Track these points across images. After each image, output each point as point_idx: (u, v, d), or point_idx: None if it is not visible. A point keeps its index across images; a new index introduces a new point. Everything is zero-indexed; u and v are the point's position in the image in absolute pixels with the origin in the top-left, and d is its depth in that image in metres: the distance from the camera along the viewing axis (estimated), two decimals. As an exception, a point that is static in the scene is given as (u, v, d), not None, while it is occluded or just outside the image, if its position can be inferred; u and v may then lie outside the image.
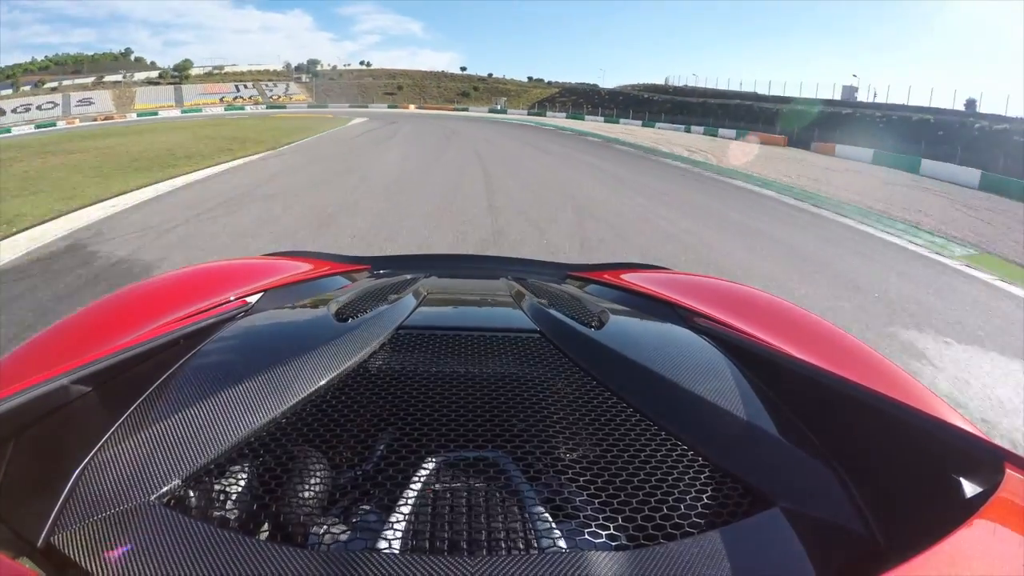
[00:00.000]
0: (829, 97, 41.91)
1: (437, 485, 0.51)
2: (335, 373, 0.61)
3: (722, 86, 54.02)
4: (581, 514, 0.48)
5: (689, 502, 0.49)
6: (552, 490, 0.51)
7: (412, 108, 66.49)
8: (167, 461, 0.48)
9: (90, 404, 0.52)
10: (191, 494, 0.48)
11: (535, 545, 0.44)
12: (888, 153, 22.71)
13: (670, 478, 0.50)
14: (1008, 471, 0.43)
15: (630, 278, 1.26)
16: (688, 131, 37.29)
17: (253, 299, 0.91)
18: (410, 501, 0.48)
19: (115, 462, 0.47)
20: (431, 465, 0.52)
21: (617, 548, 0.44)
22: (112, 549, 0.40)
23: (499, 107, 66.39)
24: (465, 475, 0.52)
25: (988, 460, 0.44)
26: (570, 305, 0.88)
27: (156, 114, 59.53)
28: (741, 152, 20.17)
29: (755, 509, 0.46)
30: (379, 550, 0.42)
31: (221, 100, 71.63)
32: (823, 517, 0.45)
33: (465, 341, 0.75)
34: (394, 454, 0.54)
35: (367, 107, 66.49)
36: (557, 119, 48.47)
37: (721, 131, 35.45)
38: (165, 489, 0.45)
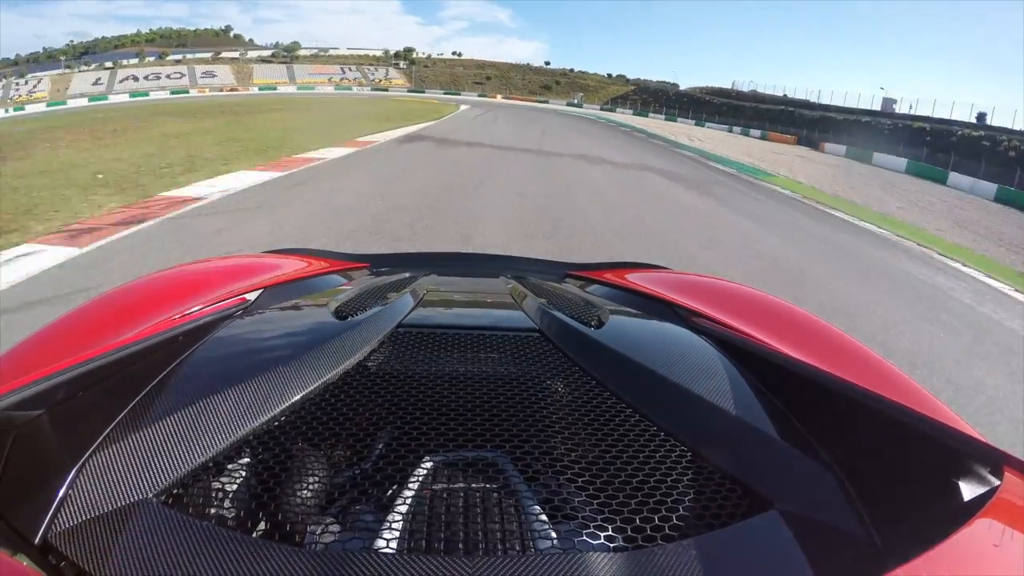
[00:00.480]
0: (870, 108, 48.09)
1: (435, 485, 0.51)
2: (334, 371, 0.62)
3: (779, 93, 60.18)
4: (579, 515, 0.49)
5: (687, 503, 0.49)
6: (550, 490, 0.51)
7: (499, 98, 75.12)
8: (166, 459, 0.47)
9: (89, 401, 0.52)
10: (190, 492, 0.48)
11: (533, 546, 0.44)
12: (856, 150, 30.53)
13: (669, 479, 0.50)
14: (1007, 474, 0.44)
15: (630, 278, 1.29)
16: (730, 130, 44.73)
17: (252, 296, 0.91)
18: (408, 501, 0.48)
19: (114, 459, 0.47)
20: (430, 465, 0.53)
21: (615, 549, 0.44)
22: (110, 546, 0.40)
23: (576, 101, 74.41)
24: (463, 475, 0.52)
25: (987, 463, 0.44)
26: (569, 304, 0.90)
27: (275, 89, 69.15)
28: (730, 142, 27.76)
29: (753, 511, 0.46)
30: (377, 550, 0.42)
31: (329, 80, 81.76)
32: (821, 519, 0.45)
33: (464, 340, 0.76)
34: (393, 453, 0.54)
35: (459, 94, 75.76)
36: (622, 115, 55.82)
37: (751, 131, 43.17)
38: (164, 487, 0.45)
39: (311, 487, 0.50)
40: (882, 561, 0.40)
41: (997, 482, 0.43)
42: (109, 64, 77.44)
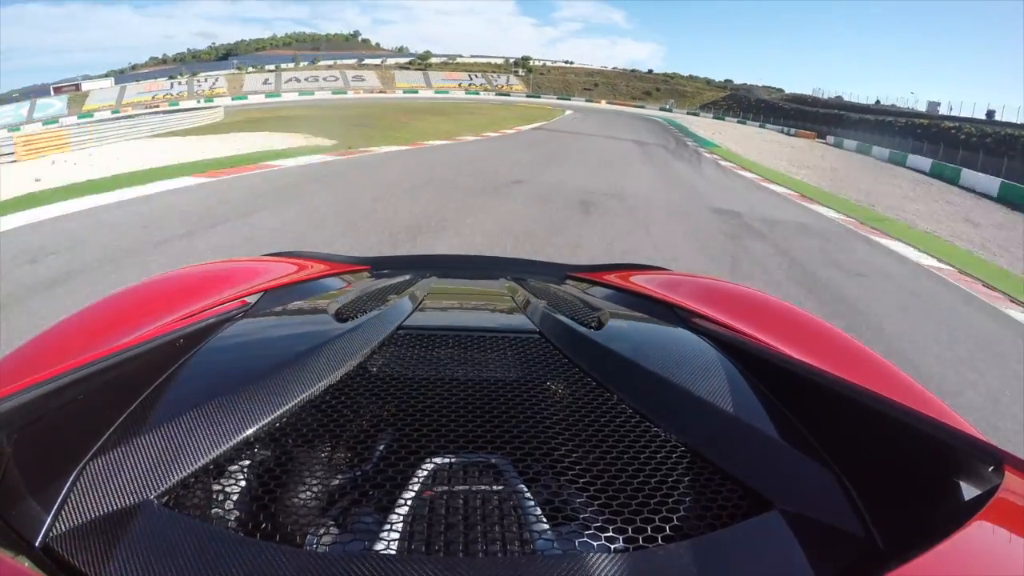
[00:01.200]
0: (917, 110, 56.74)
1: (436, 487, 0.51)
2: (334, 374, 0.63)
3: (849, 98, 69.79)
4: (580, 516, 0.49)
5: (688, 504, 0.49)
6: (551, 492, 0.52)
7: (603, 103, 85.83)
8: (167, 461, 0.48)
9: (90, 404, 0.52)
10: (191, 494, 0.49)
11: (533, 548, 0.44)
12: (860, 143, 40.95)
13: (669, 480, 0.51)
14: (1008, 473, 0.44)
15: (630, 279, 1.32)
16: (783, 131, 54.65)
17: (252, 299, 0.92)
18: (409, 503, 0.48)
19: (115, 462, 0.48)
20: (430, 467, 0.53)
21: (616, 550, 0.45)
22: (112, 548, 0.40)
23: (667, 106, 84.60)
24: (464, 477, 0.53)
25: (988, 462, 0.45)
26: (570, 306, 0.91)
27: (416, 92, 78.67)
28: (747, 137, 39.23)
29: (754, 511, 0.46)
30: (377, 552, 0.42)
31: (459, 86, 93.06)
32: (822, 519, 0.45)
33: (464, 342, 0.77)
34: (393, 455, 0.54)
35: (569, 99, 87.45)
36: (697, 118, 64.63)
37: (792, 130, 53.80)
38: (165, 489, 0.45)
39: (312, 489, 0.51)
40: (883, 561, 0.40)
41: (997, 481, 0.43)
42: (271, 67, 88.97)
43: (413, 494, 0.49)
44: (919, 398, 0.75)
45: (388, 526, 0.45)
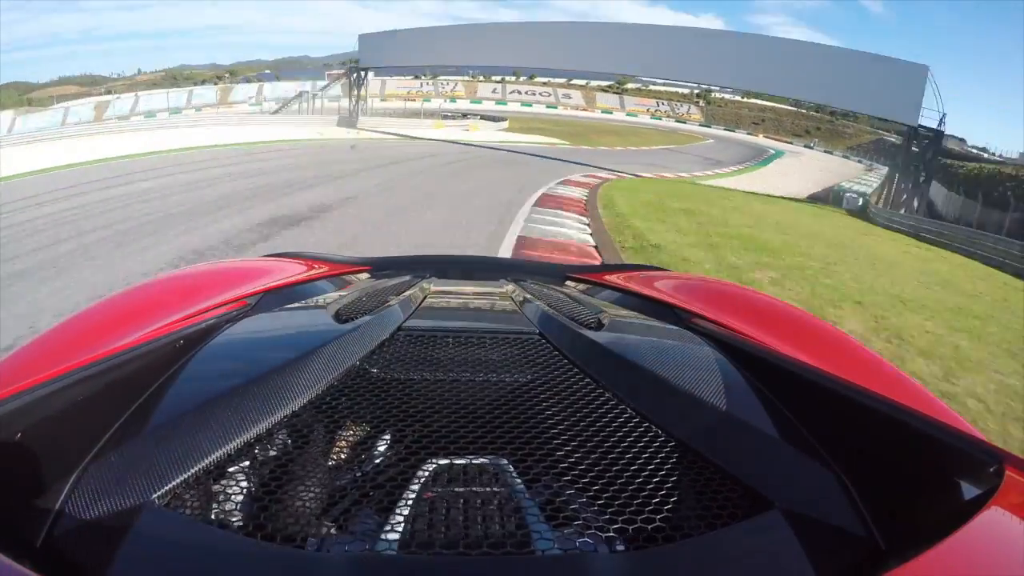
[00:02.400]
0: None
1: (436, 489, 0.51)
2: (334, 375, 0.63)
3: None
4: (580, 517, 0.50)
5: (688, 504, 0.50)
6: (551, 492, 0.52)
7: (760, 137, 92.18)
8: (168, 462, 0.48)
9: (90, 405, 0.53)
10: (192, 495, 0.49)
11: (534, 548, 0.44)
12: None
13: (669, 480, 0.52)
14: (1008, 473, 0.44)
15: (630, 280, 1.32)
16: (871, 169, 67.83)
17: (253, 300, 0.94)
18: (409, 504, 0.48)
19: (115, 462, 0.48)
20: (430, 468, 0.53)
21: (616, 550, 0.46)
22: (113, 550, 0.40)
23: (811, 144, 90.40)
24: (463, 478, 0.53)
25: (988, 462, 0.45)
26: (569, 307, 0.93)
27: (611, 114, 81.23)
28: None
29: (754, 511, 0.46)
30: (377, 552, 0.43)
31: (647, 111, 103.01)
32: (822, 519, 0.46)
33: (464, 343, 0.78)
34: (393, 456, 0.56)
35: (733, 131, 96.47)
36: (817, 154, 73.59)
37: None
38: (166, 490, 0.45)
39: (312, 490, 0.51)
40: (884, 560, 0.41)
41: (998, 481, 0.43)
42: (498, 78, 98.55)
43: (413, 495, 0.50)
44: (919, 398, 0.76)
45: (388, 527, 0.45)
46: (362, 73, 29.35)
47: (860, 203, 22.88)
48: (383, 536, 0.44)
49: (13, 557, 0.37)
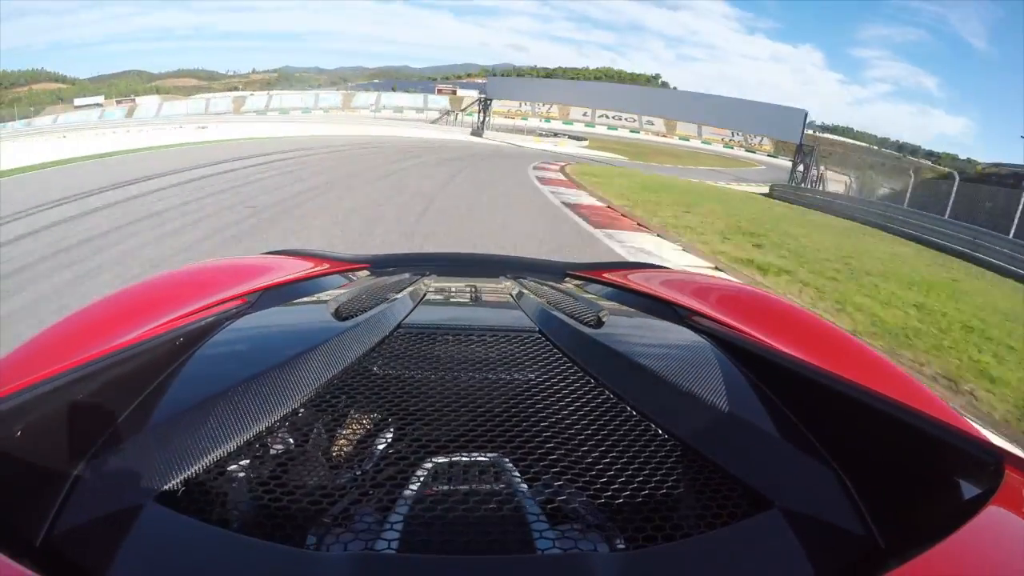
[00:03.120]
0: None
1: (436, 486, 0.52)
2: (334, 372, 0.63)
3: None
4: (580, 515, 0.51)
5: (688, 503, 0.51)
6: (551, 491, 0.53)
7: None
8: (166, 460, 0.48)
9: (89, 403, 0.53)
10: (192, 493, 0.49)
11: (534, 547, 0.44)
12: None
13: (669, 479, 0.52)
14: (1008, 472, 0.45)
15: (629, 277, 1.33)
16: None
17: (252, 298, 0.94)
18: (408, 502, 0.49)
19: (115, 461, 0.49)
20: (430, 466, 0.53)
21: (616, 549, 0.47)
22: (113, 548, 0.40)
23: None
24: (463, 476, 0.53)
25: (988, 461, 0.46)
26: (569, 304, 0.92)
27: (687, 140, 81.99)
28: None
29: (754, 510, 0.47)
30: (377, 551, 0.43)
31: (721, 140, 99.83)
32: (822, 518, 0.46)
33: (464, 340, 0.78)
34: (393, 454, 0.55)
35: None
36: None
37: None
38: (165, 488, 0.46)
39: (311, 488, 0.51)
40: (884, 559, 0.41)
41: (998, 480, 0.44)
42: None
43: (413, 493, 0.50)
44: (919, 397, 0.76)
45: (388, 526, 0.46)
46: (489, 101, 42.53)
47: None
48: (383, 535, 0.44)
49: (13, 556, 0.37)
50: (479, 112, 42.70)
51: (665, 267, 1.55)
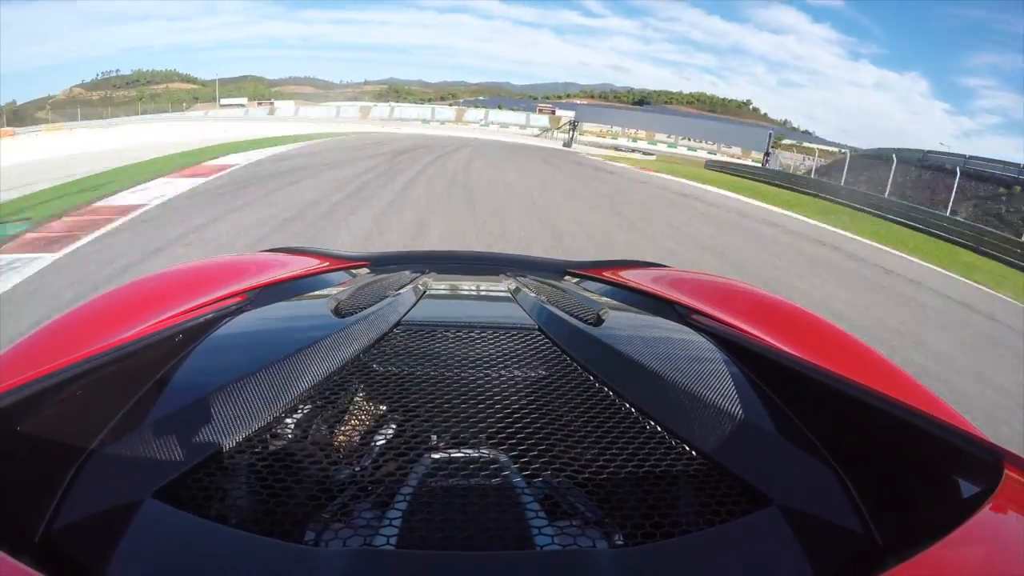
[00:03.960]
0: None
1: (435, 482, 0.52)
2: (333, 369, 0.64)
3: None
4: (579, 512, 0.51)
5: (687, 500, 0.51)
6: (550, 488, 0.53)
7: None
8: (165, 456, 0.49)
9: (88, 400, 0.53)
10: (190, 489, 0.49)
11: (533, 544, 0.44)
12: None
13: (668, 476, 0.52)
14: (1007, 472, 0.44)
15: (629, 275, 1.33)
16: None
17: (251, 295, 0.94)
18: (408, 498, 0.49)
19: (114, 457, 0.49)
20: (429, 462, 0.54)
21: (615, 546, 0.47)
22: (112, 544, 0.40)
23: None
24: (463, 472, 0.53)
25: (987, 460, 0.46)
26: (569, 302, 0.93)
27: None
28: None
29: (753, 508, 0.47)
30: (376, 547, 0.43)
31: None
32: (821, 516, 0.46)
33: (463, 338, 0.78)
34: (392, 451, 0.56)
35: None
36: None
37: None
38: (164, 484, 0.46)
39: (310, 484, 0.51)
40: (882, 557, 0.42)
41: (996, 479, 0.44)
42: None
43: (412, 489, 0.50)
44: (918, 395, 0.77)
45: (387, 521, 0.46)
46: (577, 123, 52.73)
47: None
48: (381, 531, 0.45)
49: (12, 552, 0.37)
50: (570, 131, 51.88)
51: (665, 265, 1.55)
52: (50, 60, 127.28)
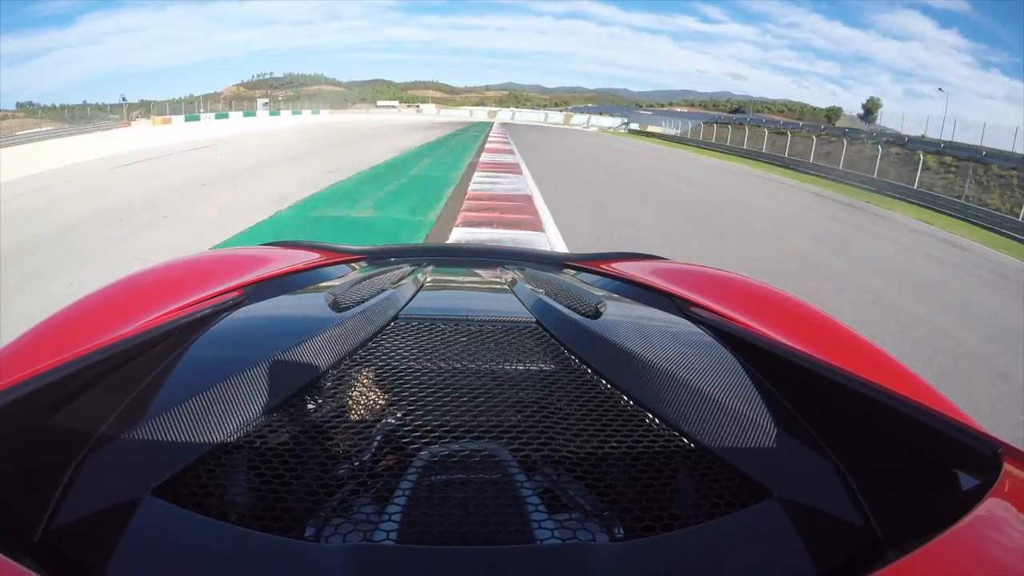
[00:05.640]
0: None
1: (434, 476, 0.52)
2: (331, 362, 0.64)
3: None
4: (578, 505, 0.51)
5: (686, 493, 0.52)
6: (549, 481, 0.54)
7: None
8: (164, 453, 0.49)
9: (86, 397, 0.53)
10: (190, 486, 0.49)
11: (532, 537, 0.45)
12: None
13: (667, 469, 0.53)
14: (1006, 465, 0.45)
15: (627, 267, 1.34)
16: None
17: (248, 290, 0.94)
18: (407, 492, 0.49)
19: (111, 456, 0.49)
20: (428, 455, 0.54)
21: (615, 539, 0.48)
22: (111, 542, 0.41)
23: None
24: (462, 466, 0.54)
25: (986, 453, 0.46)
26: (566, 294, 0.93)
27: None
28: None
29: (752, 500, 0.48)
30: (376, 542, 0.44)
31: None
32: (821, 508, 0.47)
33: (461, 331, 0.79)
34: (390, 445, 0.57)
35: None
36: None
37: None
38: (162, 481, 0.46)
39: (310, 480, 0.52)
40: (882, 550, 0.43)
41: (996, 472, 0.44)
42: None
43: (412, 484, 0.50)
44: (917, 388, 0.77)
45: (387, 516, 0.46)
46: (629, 123, 63.57)
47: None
48: (381, 526, 0.45)
49: (10, 553, 0.37)
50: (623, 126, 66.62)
51: (663, 257, 1.54)
52: (179, 61, 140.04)
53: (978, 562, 0.38)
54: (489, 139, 30.81)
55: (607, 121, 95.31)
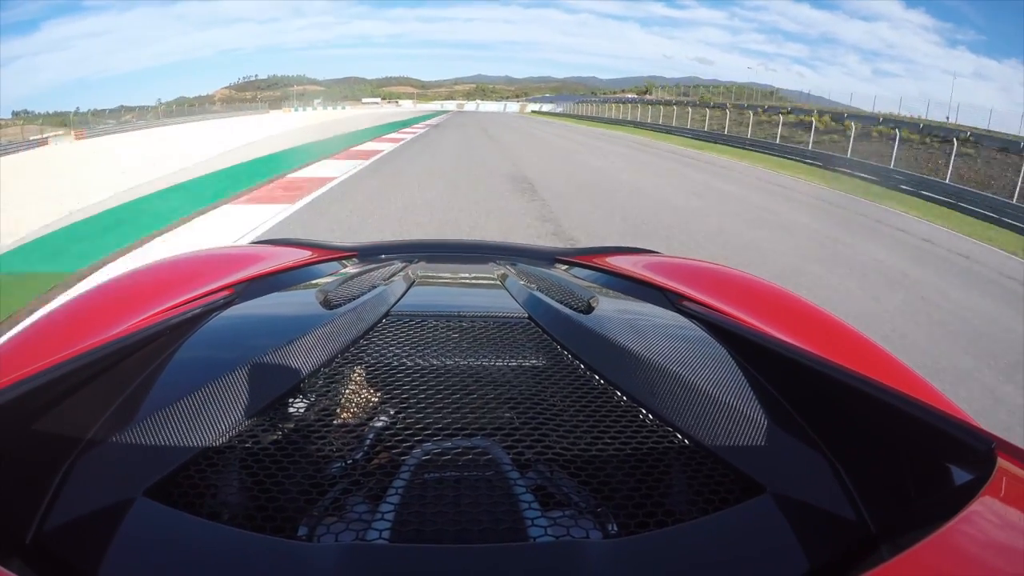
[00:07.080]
0: None
1: (427, 474, 0.52)
2: (323, 361, 0.64)
3: None
4: (572, 502, 0.52)
5: (680, 489, 0.52)
6: (543, 478, 0.54)
7: None
8: (155, 454, 0.49)
9: (75, 399, 0.53)
10: (181, 486, 0.49)
11: (526, 534, 0.45)
12: None
13: (661, 465, 0.53)
14: (1001, 460, 0.45)
15: (620, 262, 1.33)
16: None
17: (239, 288, 0.94)
18: (400, 490, 0.49)
19: (102, 457, 0.49)
20: (420, 453, 0.54)
21: (609, 536, 0.47)
22: (103, 543, 0.41)
23: None
24: (455, 464, 0.54)
25: (981, 449, 0.45)
26: (559, 290, 0.93)
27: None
28: None
29: (746, 496, 0.48)
30: (369, 541, 0.43)
31: None
32: (814, 504, 0.47)
33: (453, 327, 0.79)
34: (383, 442, 0.57)
35: None
36: None
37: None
38: (154, 482, 0.46)
39: (302, 479, 0.51)
40: (876, 545, 0.43)
41: (991, 467, 0.44)
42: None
43: (404, 482, 0.50)
44: (912, 383, 0.76)
45: (380, 515, 0.46)
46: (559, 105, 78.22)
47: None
48: (374, 525, 0.45)
49: (1, 555, 0.37)
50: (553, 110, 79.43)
51: (655, 252, 1.53)
52: (148, 63, 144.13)
53: (973, 558, 0.38)
54: (456, 116, 63.05)
55: (547, 107, 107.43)
